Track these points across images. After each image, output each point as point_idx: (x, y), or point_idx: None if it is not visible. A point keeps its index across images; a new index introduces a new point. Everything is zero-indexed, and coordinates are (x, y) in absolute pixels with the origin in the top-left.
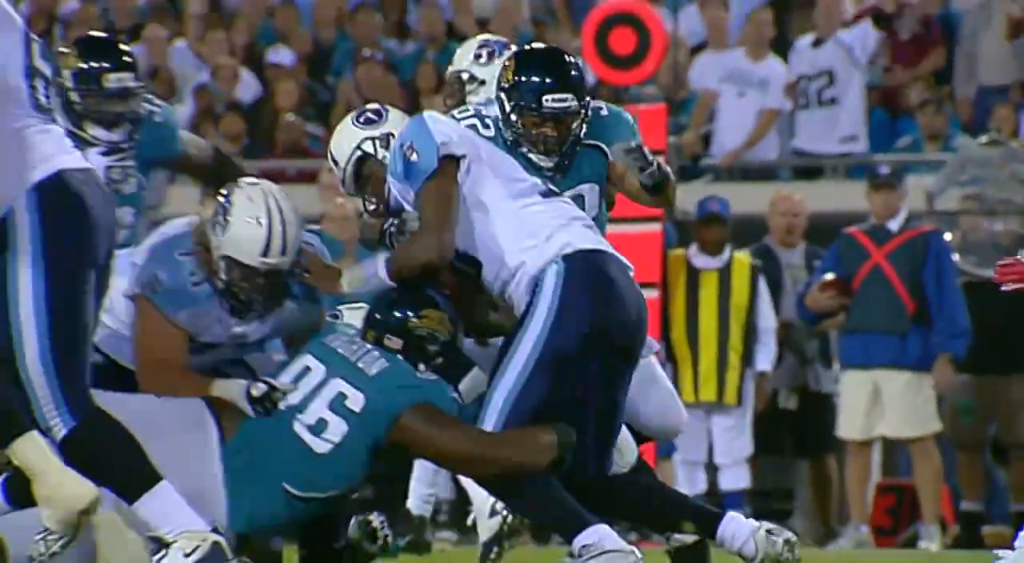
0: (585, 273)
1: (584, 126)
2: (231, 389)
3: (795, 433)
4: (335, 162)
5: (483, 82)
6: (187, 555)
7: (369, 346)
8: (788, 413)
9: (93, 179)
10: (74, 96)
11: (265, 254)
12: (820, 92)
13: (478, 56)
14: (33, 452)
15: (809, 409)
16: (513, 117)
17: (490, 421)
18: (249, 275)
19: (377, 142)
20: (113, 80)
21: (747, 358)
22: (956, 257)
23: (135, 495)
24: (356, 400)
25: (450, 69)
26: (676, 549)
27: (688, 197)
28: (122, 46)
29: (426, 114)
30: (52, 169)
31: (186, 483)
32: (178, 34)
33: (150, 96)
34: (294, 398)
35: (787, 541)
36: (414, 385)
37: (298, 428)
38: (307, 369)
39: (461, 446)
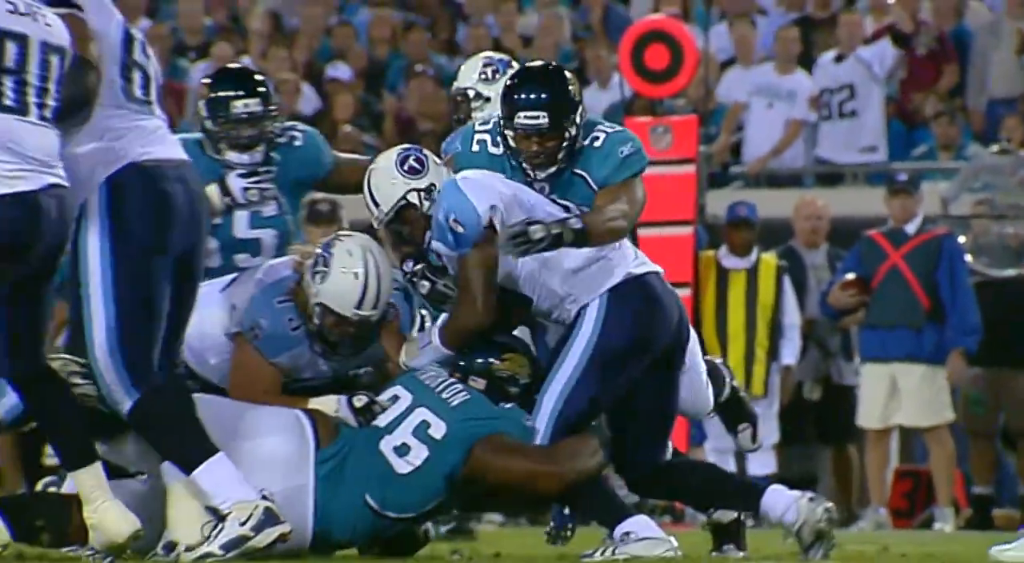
0: (628, 283)
1: (573, 144)
2: (328, 403)
3: (818, 422)
4: (375, 202)
5: (488, 99)
6: (243, 524)
7: (453, 380)
8: (812, 404)
9: (178, 171)
10: (208, 123)
11: (359, 306)
12: (841, 105)
13: (483, 74)
14: (91, 482)
15: (831, 400)
16: (504, 131)
17: (541, 425)
18: (341, 323)
19: (422, 194)
20: (239, 106)
21: (773, 352)
22: (968, 258)
23: (192, 466)
24: (438, 428)
25: (455, 86)
26: (715, 525)
27: (718, 202)
28: (254, 76)
29: (460, 180)
30: (127, 160)
31: (278, 486)
32: (243, 51)
33: (293, 122)
34: (383, 420)
35: (827, 509)
36: (491, 416)
37: (384, 447)
38: (396, 397)
39: (528, 468)
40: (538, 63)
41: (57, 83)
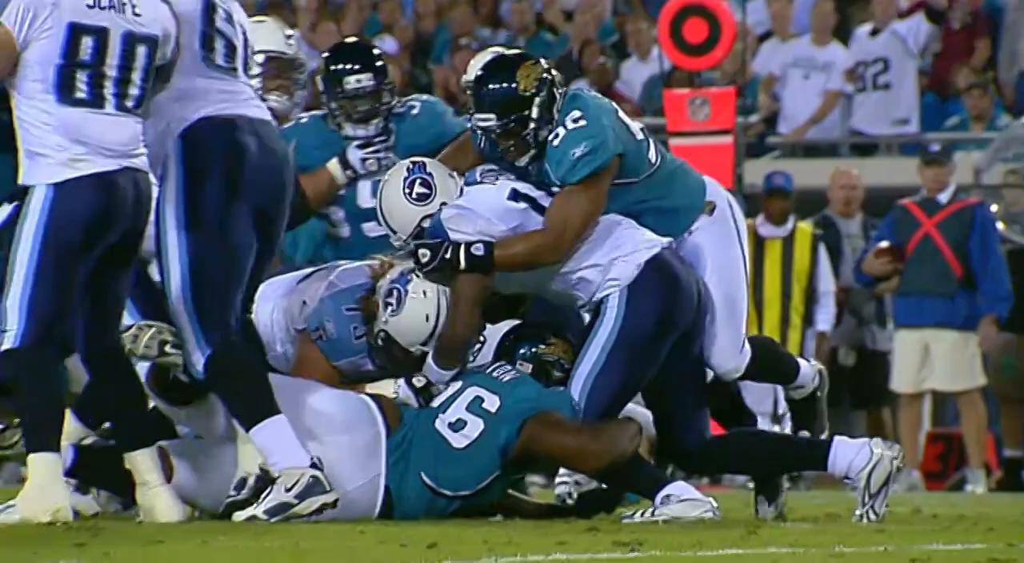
0: (649, 264)
1: (540, 130)
2: (386, 386)
3: (853, 387)
4: (391, 227)
5: None
6: (288, 490)
7: (502, 362)
8: (847, 369)
9: (252, 126)
10: (325, 98)
11: (424, 344)
12: (876, 77)
13: None
14: (145, 464)
15: (866, 365)
16: None
17: (577, 404)
18: (402, 351)
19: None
20: (353, 82)
21: (808, 319)
22: (1000, 227)
23: (251, 423)
24: (492, 402)
25: (464, 79)
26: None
27: (755, 172)
28: (371, 50)
29: (464, 204)
30: (201, 115)
31: (353, 476)
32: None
33: (416, 94)
34: (436, 401)
35: (892, 446)
36: (542, 393)
37: (439, 425)
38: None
39: (577, 446)
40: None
41: (143, 71)
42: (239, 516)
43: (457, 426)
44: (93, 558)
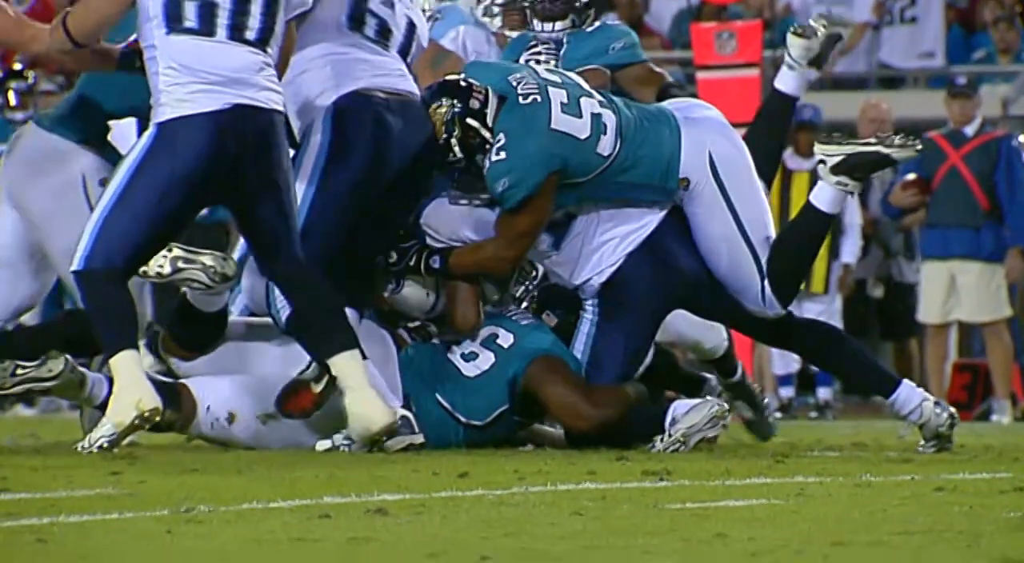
0: (636, 252)
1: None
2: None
3: (881, 318)
4: (435, 238)
5: None
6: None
7: (525, 309)
8: (875, 300)
9: (401, 103)
10: None
11: (427, 314)
12: (903, 11)
13: None
14: (350, 368)
15: (893, 297)
16: None
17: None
18: (405, 320)
19: None
20: None
21: (834, 251)
22: None
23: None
24: (506, 339)
25: None
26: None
27: None
28: None
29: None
30: (354, 87)
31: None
32: None
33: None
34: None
35: (951, 415)
36: (556, 343)
37: (452, 356)
38: None
39: (569, 400)
40: None
41: (264, 4)
42: (321, 445)
43: (469, 357)
44: (129, 486)
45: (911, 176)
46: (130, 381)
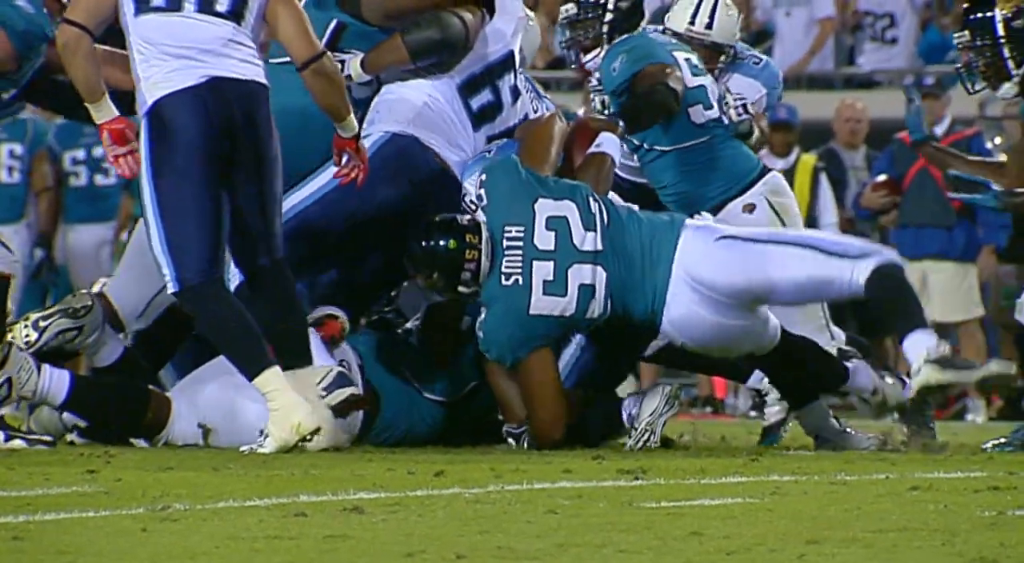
0: None
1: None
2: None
3: (857, 317)
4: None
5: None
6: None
7: None
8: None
9: (441, 172)
10: None
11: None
12: (884, 31)
13: None
14: (277, 381)
15: None
16: None
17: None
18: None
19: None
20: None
21: None
22: (1001, 158)
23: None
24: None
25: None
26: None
27: None
28: None
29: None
30: (417, 136)
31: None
32: None
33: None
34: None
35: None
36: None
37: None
38: None
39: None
40: None
41: None
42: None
43: None
44: (105, 483)
45: (882, 177)
46: (284, 402)
